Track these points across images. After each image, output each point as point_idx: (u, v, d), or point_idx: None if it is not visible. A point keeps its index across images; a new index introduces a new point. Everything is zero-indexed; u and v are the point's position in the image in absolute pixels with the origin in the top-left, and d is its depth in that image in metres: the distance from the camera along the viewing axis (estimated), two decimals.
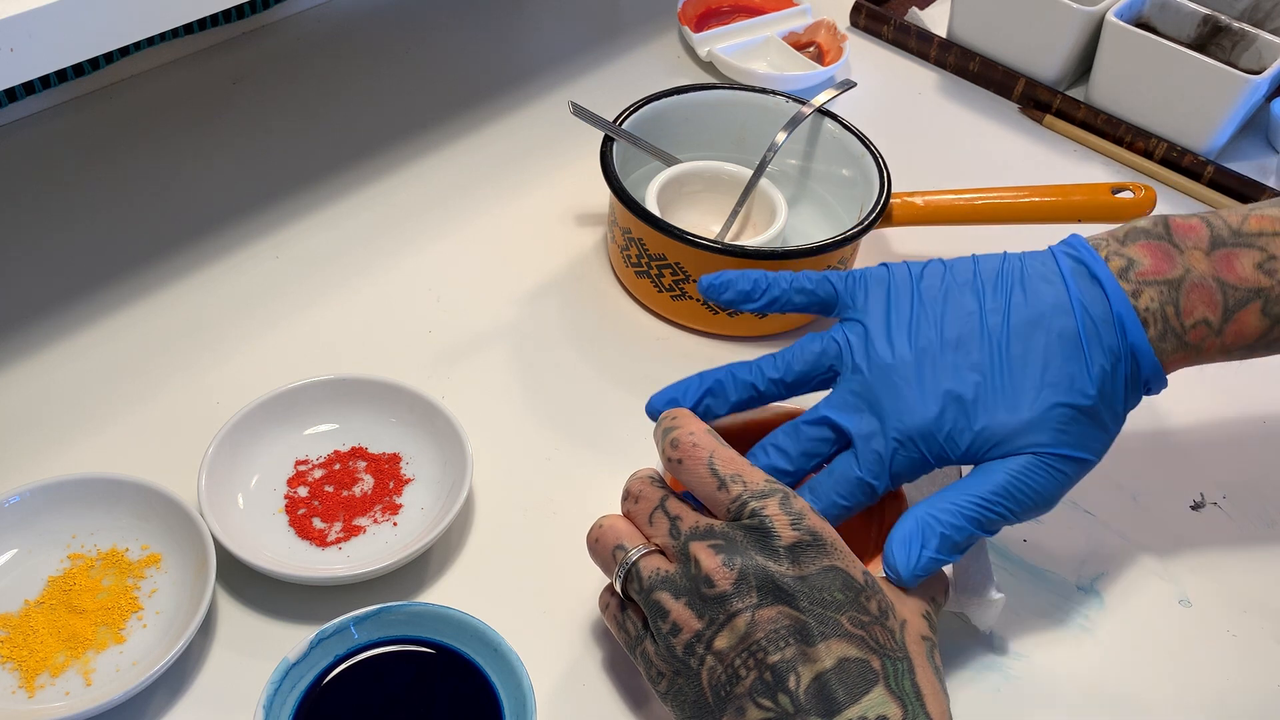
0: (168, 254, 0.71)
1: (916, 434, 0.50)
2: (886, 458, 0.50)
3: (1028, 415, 0.50)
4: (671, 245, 0.66)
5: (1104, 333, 0.50)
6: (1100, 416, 0.50)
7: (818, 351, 0.53)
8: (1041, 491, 0.50)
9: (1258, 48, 0.85)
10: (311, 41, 0.89)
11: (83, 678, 0.50)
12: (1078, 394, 0.50)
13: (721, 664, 0.44)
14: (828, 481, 0.51)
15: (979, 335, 0.51)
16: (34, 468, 0.58)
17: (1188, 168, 0.85)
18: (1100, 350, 0.50)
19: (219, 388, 0.64)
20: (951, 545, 0.49)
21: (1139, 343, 0.51)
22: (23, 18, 0.48)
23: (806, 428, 0.52)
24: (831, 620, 0.44)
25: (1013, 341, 0.51)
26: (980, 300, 0.52)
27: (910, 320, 0.52)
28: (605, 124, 0.71)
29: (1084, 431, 0.50)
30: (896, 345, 0.52)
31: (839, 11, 0.98)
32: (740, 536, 0.45)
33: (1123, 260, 0.52)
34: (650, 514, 0.48)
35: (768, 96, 0.76)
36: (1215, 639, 0.58)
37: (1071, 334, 0.50)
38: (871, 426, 0.51)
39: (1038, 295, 0.52)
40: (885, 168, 0.71)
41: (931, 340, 0.51)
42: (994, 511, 0.49)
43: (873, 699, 0.42)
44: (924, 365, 0.51)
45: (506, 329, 0.69)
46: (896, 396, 0.51)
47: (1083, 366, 0.50)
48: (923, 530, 0.48)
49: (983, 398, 0.50)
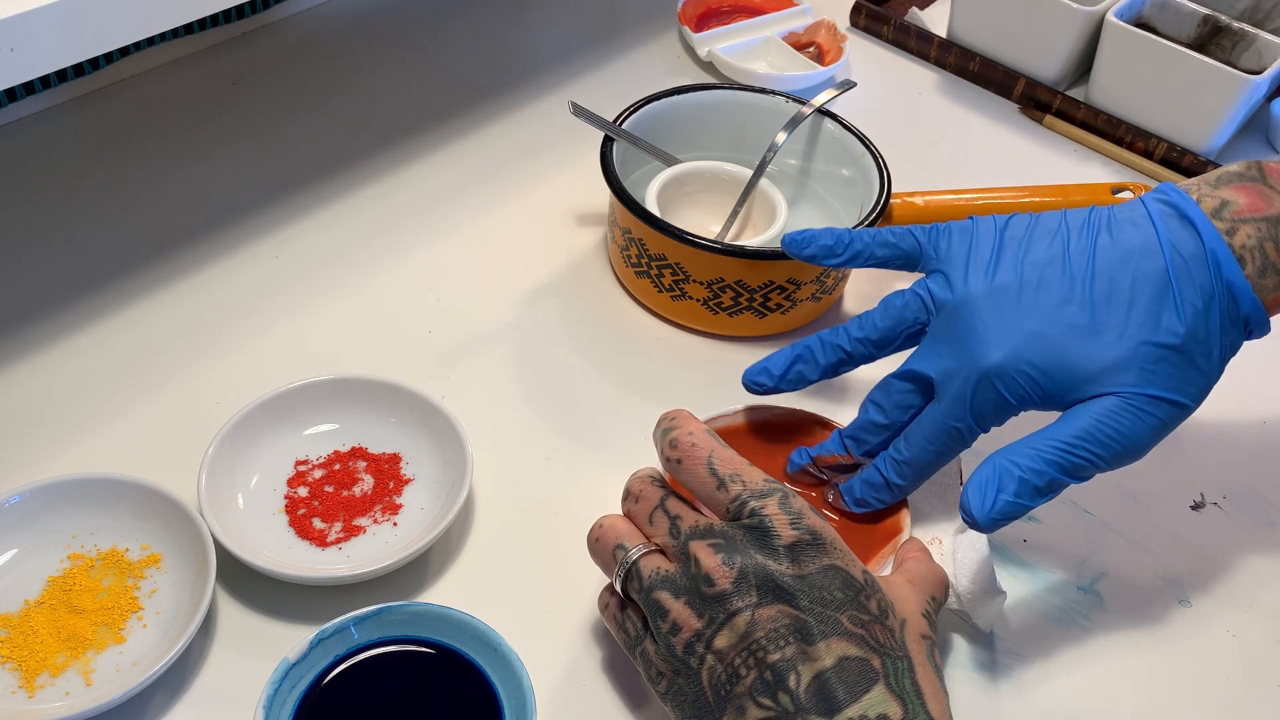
0: (168, 254, 0.71)
1: (995, 373, 0.50)
2: (967, 398, 0.50)
3: (1113, 354, 0.49)
4: (671, 245, 0.66)
5: (1196, 271, 0.49)
6: (1193, 357, 0.49)
7: (900, 306, 0.54)
8: (1129, 435, 0.49)
9: (1258, 48, 0.85)
10: (311, 41, 0.89)
11: (83, 678, 0.50)
12: (1166, 332, 0.49)
13: (721, 663, 0.44)
14: (918, 429, 0.52)
15: (1061, 275, 0.50)
16: (34, 468, 0.58)
17: (1188, 168, 0.85)
18: (1192, 288, 0.49)
19: (219, 388, 0.64)
20: (1032, 489, 0.48)
21: (1235, 279, 0.49)
22: (23, 18, 0.48)
23: (895, 381, 0.53)
24: (831, 619, 0.43)
25: (1097, 281, 0.50)
26: (1065, 244, 0.51)
27: (990, 262, 0.52)
28: (605, 124, 0.71)
29: (1174, 372, 0.49)
30: (974, 286, 0.51)
31: (839, 11, 0.98)
32: (740, 536, 0.45)
33: (1215, 201, 0.51)
34: (650, 513, 0.48)
35: (768, 96, 0.76)
36: (1215, 639, 0.58)
37: (1159, 273, 0.49)
38: (952, 369, 0.51)
39: (1124, 237, 0.51)
40: (885, 168, 0.71)
41: (1011, 280, 0.51)
42: (1078, 455, 0.48)
43: (873, 697, 0.42)
44: (1003, 303, 0.51)
45: (506, 329, 0.69)
46: (973, 334, 0.50)
47: (1172, 305, 0.49)
48: (999, 475, 0.48)
49: (1065, 337, 0.49)
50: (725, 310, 0.68)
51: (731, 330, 0.69)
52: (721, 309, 0.68)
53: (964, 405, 0.50)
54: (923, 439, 0.52)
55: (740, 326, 0.69)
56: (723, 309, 0.68)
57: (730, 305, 0.68)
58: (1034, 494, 0.48)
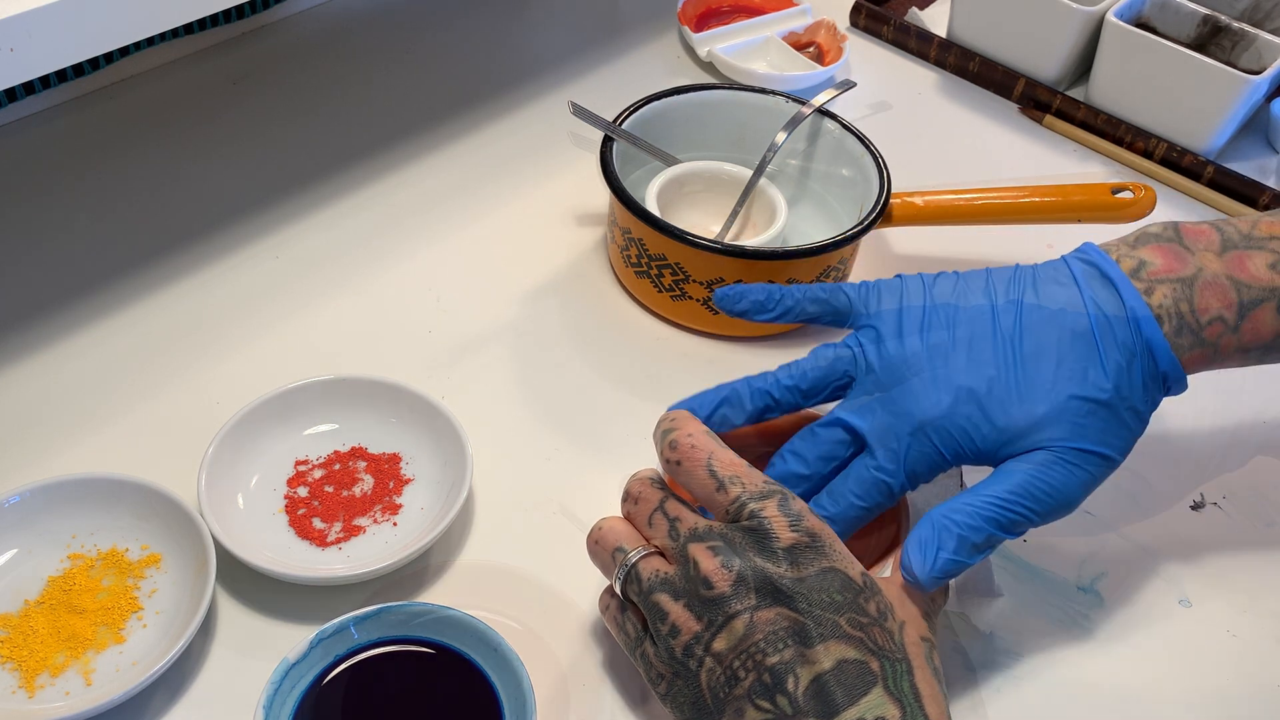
0: (168, 254, 0.71)
1: (931, 427, 0.50)
2: (902, 454, 0.50)
3: (1043, 409, 0.49)
4: (671, 245, 0.66)
5: (1118, 329, 0.50)
6: (1118, 411, 0.50)
7: (831, 357, 0.53)
8: (1061, 489, 0.49)
9: (1257, 48, 0.85)
10: (311, 41, 0.89)
11: (83, 678, 0.50)
12: (1093, 388, 0.50)
13: (720, 665, 0.44)
14: (844, 484, 0.51)
15: (991, 333, 0.51)
16: (34, 468, 0.58)
17: (1188, 168, 0.85)
18: (1115, 346, 0.50)
19: (219, 388, 0.64)
20: (970, 547, 0.48)
21: (1154, 338, 0.50)
22: (23, 18, 0.48)
23: (822, 430, 0.52)
24: (830, 622, 0.43)
25: (1025, 339, 0.51)
26: (992, 300, 0.52)
27: (922, 320, 0.52)
28: (605, 124, 0.70)
29: (1103, 426, 0.50)
30: (908, 342, 0.52)
31: (839, 11, 0.98)
32: (739, 538, 0.45)
33: (1134, 261, 0.52)
34: (650, 515, 0.48)
35: (767, 96, 0.76)
36: (1215, 639, 0.58)
37: (1085, 330, 0.51)
38: (885, 423, 0.51)
39: (1050, 295, 0.52)
40: (885, 167, 0.71)
41: (943, 338, 0.52)
42: (1013, 511, 0.49)
43: (871, 700, 0.42)
44: (936, 360, 0.51)
45: (506, 329, 0.69)
46: (910, 391, 0.51)
47: (1097, 361, 0.50)
48: (939, 533, 0.48)
49: (996, 392, 0.50)
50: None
51: (731, 330, 0.69)
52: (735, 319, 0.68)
53: (898, 460, 0.50)
54: (850, 493, 0.51)
55: (740, 326, 0.69)
56: (736, 319, 0.68)
57: None
58: (972, 551, 0.48)
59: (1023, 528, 0.50)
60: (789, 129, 0.73)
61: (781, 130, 0.73)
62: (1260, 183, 0.83)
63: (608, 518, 0.50)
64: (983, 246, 0.78)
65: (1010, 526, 0.49)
